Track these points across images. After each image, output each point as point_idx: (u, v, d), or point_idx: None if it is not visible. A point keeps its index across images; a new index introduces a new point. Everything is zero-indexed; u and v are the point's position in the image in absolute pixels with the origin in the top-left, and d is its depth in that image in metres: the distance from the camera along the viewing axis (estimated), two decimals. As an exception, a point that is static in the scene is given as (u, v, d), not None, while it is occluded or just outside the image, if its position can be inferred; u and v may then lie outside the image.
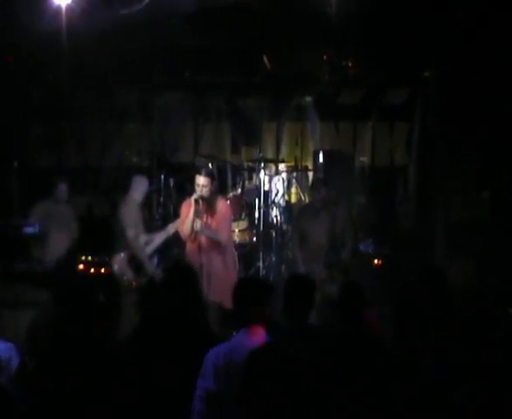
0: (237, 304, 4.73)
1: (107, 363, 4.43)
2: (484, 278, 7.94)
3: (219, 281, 7.57)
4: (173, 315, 4.95)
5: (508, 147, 9.57)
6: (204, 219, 7.81)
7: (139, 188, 8.91)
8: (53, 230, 9.26)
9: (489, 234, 9.36)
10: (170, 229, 8.59)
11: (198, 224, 7.74)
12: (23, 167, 11.43)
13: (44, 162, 11.56)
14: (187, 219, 7.82)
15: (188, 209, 7.84)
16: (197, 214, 7.72)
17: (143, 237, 8.79)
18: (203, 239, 7.80)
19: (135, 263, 8.69)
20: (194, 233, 7.79)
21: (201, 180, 7.69)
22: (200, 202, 7.71)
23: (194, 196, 7.73)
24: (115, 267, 8.69)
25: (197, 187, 7.71)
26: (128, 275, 8.58)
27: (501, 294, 5.65)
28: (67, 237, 9.41)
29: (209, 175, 7.83)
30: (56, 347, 4.38)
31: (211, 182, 7.77)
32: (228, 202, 8.92)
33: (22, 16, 8.72)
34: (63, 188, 9.35)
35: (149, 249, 8.78)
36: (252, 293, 4.71)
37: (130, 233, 8.67)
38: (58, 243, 9.30)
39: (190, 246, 7.96)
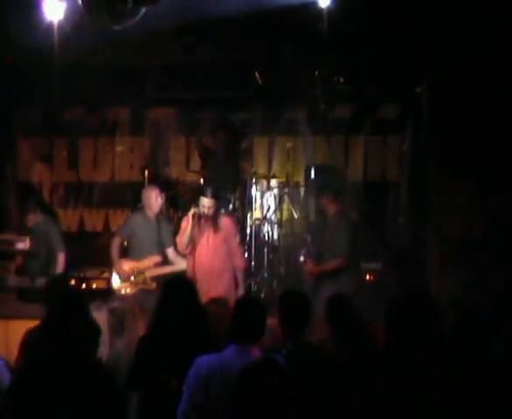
0: (237, 321, 4.76)
1: (102, 377, 4.43)
2: (476, 294, 7.95)
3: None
4: (169, 327, 5.00)
5: (500, 161, 9.59)
6: (207, 235, 8.01)
7: (144, 200, 8.99)
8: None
9: (482, 249, 9.36)
10: (181, 264, 8.58)
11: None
12: (15, 182, 11.43)
13: (36, 177, 11.53)
14: (184, 233, 8.06)
15: (186, 224, 8.09)
16: (193, 229, 7.95)
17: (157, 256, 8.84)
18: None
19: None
20: (190, 246, 8.00)
21: (206, 201, 7.93)
22: (202, 219, 7.95)
23: (191, 212, 8.02)
24: (116, 275, 8.78)
25: (202, 207, 7.93)
26: (126, 285, 8.64)
27: (494, 309, 5.66)
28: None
29: (213, 196, 8.00)
30: (48, 361, 4.36)
31: (215, 202, 8.01)
32: (230, 218, 8.91)
33: (12, 32, 8.72)
34: None
35: (154, 272, 8.78)
36: (254, 312, 4.75)
37: (114, 241, 8.91)
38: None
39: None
